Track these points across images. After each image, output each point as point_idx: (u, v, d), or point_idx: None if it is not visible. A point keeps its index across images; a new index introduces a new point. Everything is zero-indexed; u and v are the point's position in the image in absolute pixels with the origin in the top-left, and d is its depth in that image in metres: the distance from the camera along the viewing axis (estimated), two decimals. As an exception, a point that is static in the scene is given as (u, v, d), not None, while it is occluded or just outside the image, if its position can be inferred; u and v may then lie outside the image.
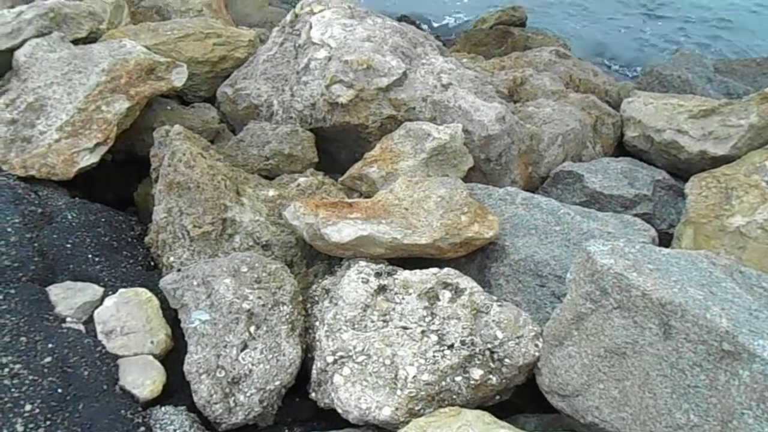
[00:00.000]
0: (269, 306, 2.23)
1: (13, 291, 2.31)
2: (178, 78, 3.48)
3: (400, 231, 2.40)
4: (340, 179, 3.11)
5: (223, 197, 2.69)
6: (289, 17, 3.81)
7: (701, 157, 3.51)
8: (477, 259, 2.65)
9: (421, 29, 5.51)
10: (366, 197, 2.93)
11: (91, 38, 3.88)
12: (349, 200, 2.68)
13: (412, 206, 2.56)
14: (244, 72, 3.87)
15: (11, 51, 3.47)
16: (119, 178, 3.57)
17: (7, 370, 2.03)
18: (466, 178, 3.07)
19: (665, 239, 3.18)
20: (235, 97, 3.75)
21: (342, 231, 2.34)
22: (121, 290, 2.39)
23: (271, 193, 2.99)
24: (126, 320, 2.26)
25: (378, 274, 2.32)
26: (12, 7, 4.45)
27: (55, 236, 2.61)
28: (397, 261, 2.51)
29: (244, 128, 3.45)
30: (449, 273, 2.32)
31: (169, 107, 3.64)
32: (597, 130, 3.98)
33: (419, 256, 2.52)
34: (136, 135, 3.46)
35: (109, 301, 2.33)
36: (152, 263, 2.79)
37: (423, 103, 3.18)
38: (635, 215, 3.08)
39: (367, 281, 2.28)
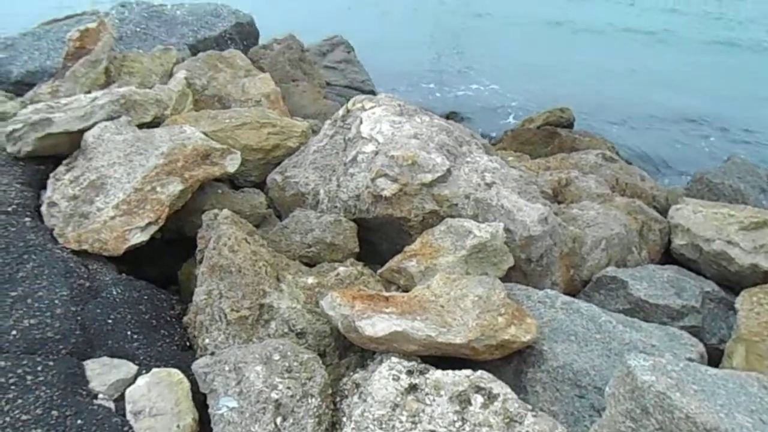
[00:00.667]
0: (298, 397, 2.20)
1: (51, 363, 2.36)
2: (232, 164, 3.65)
3: (435, 329, 2.37)
4: (379, 271, 3.13)
5: (263, 283, 2.73)
6: (341, 112, 4.00)
7: (753, 271, 3.39)
8: (513, 362, 2.57)
9: (468, 127, 5.66)
10: (404, 291, 2.92)
11: (155, 122, 4.15)
12: (386, 294, 2.67)
13: (448, 304, 2.54)
14: (294, 161, 4.03)
15: (82, 132, 3.72)
16: (166, 256, 3.67)
17: (34, 444, 2.04)
18: (506, 278, 3.04)
19: (715, 355, 3.03)
20: (284, 184, 3.88)
21: (376, 325, 2.33)
22: (154, 370, 2.41)
23: (311, 280, 3.02)
24: (156, 401, 2.25)
25: (410, 372, 2.27)
26: (89, 92, 4.84)
27: (98, 311, 2.68)
28: (430, 359, 2.46)
29: (290, 215, 3.55)
30: (483, 376, 2.25)
31: (220, 191, 3.80)
32: (643, 236, 3.91)
33: (453, 355, 2.46)
34: (186, 216, 3.59)
35: (141, 381, 2.34)
36: (188, 344, 2.81)
37: (466, 200, 3.22)
38: (682, 328, 2.96)
39: (398, 378, 2.24)
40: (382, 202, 3.30)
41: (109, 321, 2.65)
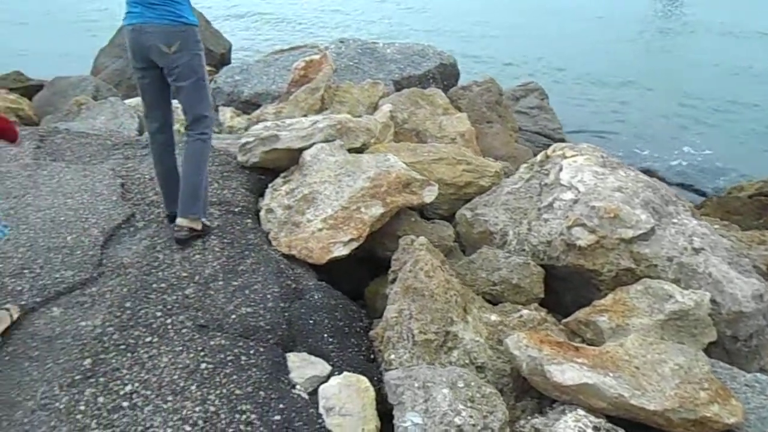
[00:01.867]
0: (479, 428, 2.23)
1: (261, 349, 2.65)
2: (429, 195, 3.84)
3: (628, 389, 2.27)
4: (564, 320, 3.07)
5: (452, 311, 2.82)
6: (539, 157, 4.02)
7: None
8: (709, 444, 2.37)
9: (671, 188, 5.35)
10: (589, 344, 2.84)
11: (362, 148, 4.49)
12: (575, 344, 2.62)
13: (644, 366, 2.42)
14: (485, 199, 4.12)
15: (301, 150, 4.16)
16: (355, 273, 3.93)
17: (244, 416, 2.30)
18: (705, 353, 2.82)
19: None
20: (473, 221, 3.98)
21: (566, 373, 2.29)
22: (346, 373, 2.59)
23: (494, 318, 3.06)
24: (345, 402, 2.42)
25: (596, 429, 2.20)
26: (305, 115, 5.38)
27: (302, 311, 2.96)
28: (615, 420, 2.36)
29: (477, 251, 3.63)
30: (678, 451, 2.11)
31: (413, 219, 4.00)
32: None
33: (642, 422, 2.34)
34: (379, 238, 3.82)
35: (333, 381, 2.53)
36: (372, 356, 2.98)
37: (668, 262, 3.06)
38: None
39: (583, 433, 2.18)
40: (575, 252, 3.25)
41: (310, 321, 2.91)
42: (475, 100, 6.01)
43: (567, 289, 3.51)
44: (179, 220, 3.35)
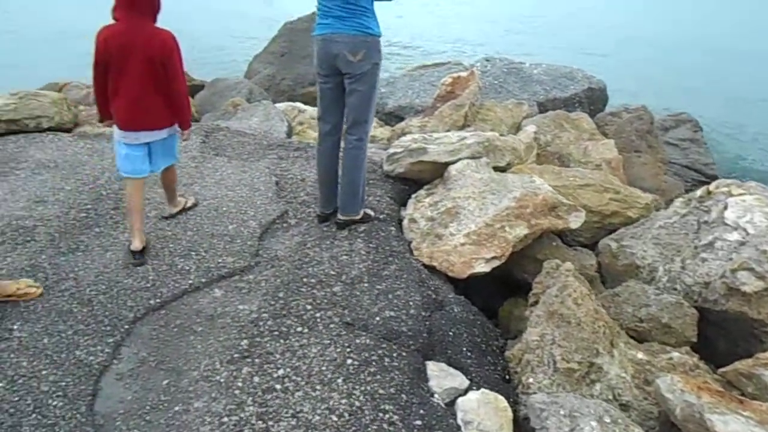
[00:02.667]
0: (626, 468, 2.14)
1: (404, 354, 2.72)
2: (575, 221, 3.74)
3: (801, 454, 2.08)
4: (721, 370, 2.86)
5: (598, 343, 2.73)
6: (699, 192, 3.79)
7: None
8: None
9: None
10: (751, 399, 2.62)
11: (505, 168, 4.48)
12: (739, 396, 2.43)
13: (819, 432, 2.20)
14: (633, 231, 3.94)
15: (446, 164, 4.22)
16: (488, 290, 3.92)
17: (387, 416, 2.37)
18: None
19: None
20: (618, 252, 3.83)
21: (729, 424, 2.14)
22: (483, 390, 2.59)
23: (640, 356, 2.92)
24: (483, 418, 2.42)
25: (760, 491, 2.03)
26: (448, 131, 5.45)
27: (443, 322, 3.00)
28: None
29: (623, 284, 3.48)
30: None
31: (554, 243, 3.92)
32: None
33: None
34: (518, 258, 3.78)
35: (472, 396, 2.54)
36: (507, 376, 2.95)
37: None
38: None
39: (745, 493, 2.02)
40: (738, 298, 3.02)
41: (450, 333, 2.94)
42: (624, 127, 5.78)
43: (721, 336, 3.27)
44: (340, 217, 3.69)
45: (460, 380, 2.65)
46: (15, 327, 2.81)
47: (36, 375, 2.53)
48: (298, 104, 7.35)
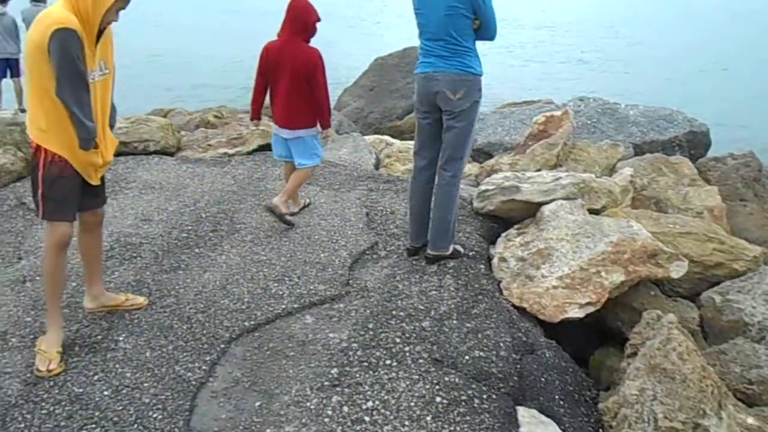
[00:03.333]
0: None
1: (494, 396, 2.65)
2: (677, 271, 3.57)
3: None
4: None
5: (705, 403, 2.56)
6: (818, 248, 3.52)
7: None
8: None
9: None
10: None
11: (600, 210, 4.34)
12: None
13: None
14: (739, 285, 3.71)
15: (539, 204, 4.15)
16: (580, 337, 3.77)
17: (477, 461, 2.30)
18: None
19: None
20: (723, 307, 3.60)
21: None
22: (578, 443, 2.48)
23: (750, 420, 2.70)
24: (578, 473, 2.31)
25: None
26: (539, 170, 5.37)
27: (534, 366, 2.91)
28: None
29: (730, 342, 3.26)
30: None
31: (653, 292, 3.74)
32: None
33: None
34: (611, 306, 3.63)
35: (566, 447, 2.43)
36: (600, 430, 2.81)
37: None
38: None
39: None
40: None
41: (542, 379, 2.85)
42: (728, 173, 5.49)
43: (843, 407, 2.98)
44: (429, 252, 3.69)
45: (553, 429, 2.55)
46: (121, 338, 2.97)
47: (138, 386, 2.65)
48: (386, 137, 7.48)
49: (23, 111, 8.25)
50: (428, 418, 2.49)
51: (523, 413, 2.62)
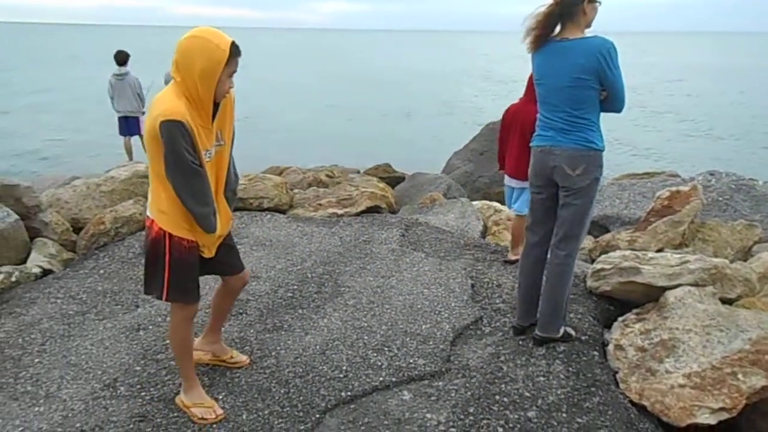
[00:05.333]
0: None
1: None
2: (832, 379, 3.07)
3: None
4: None
5: None
6: None
7: None
8: None
9: None
10: None
11: (733, 301, 3.90)
12: None
13: None
14: None
15: (663, 289, 3.80)
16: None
17: None
18: None
19: None
20: None
21: None
22: None
23: None
24: None
25: None
26: (661, 249, 4.96)
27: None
28: None
29: None
30: None
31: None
32: None
33: None
34: (748, 413, 3.17)
35: None
36: None
37: None
38: None
39: None
40: None
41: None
42: None
43: None
44: (538, 333, 3.49)
45: None
46: (220, 397, 2.98)
47: (232, 451, 2.62)
48: (495, 203, 7.31)
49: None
50: None
51: None
